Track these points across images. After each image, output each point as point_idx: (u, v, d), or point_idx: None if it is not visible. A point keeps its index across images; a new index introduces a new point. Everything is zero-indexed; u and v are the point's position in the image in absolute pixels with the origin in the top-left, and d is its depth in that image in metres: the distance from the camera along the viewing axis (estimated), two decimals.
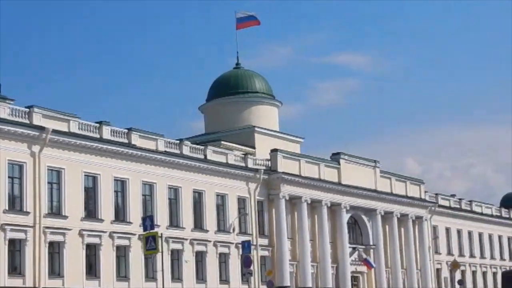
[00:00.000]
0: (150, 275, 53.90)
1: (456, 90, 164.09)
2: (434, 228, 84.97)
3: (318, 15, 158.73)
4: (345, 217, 70.78)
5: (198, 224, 58.29)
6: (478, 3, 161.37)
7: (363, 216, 73.65)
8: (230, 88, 75.93)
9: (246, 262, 41.66)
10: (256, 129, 71.51)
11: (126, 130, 54.06)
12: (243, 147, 68.17)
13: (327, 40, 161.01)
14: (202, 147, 59.89)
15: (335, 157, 71.06)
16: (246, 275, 42.63)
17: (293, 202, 65.99)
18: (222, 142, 67.59)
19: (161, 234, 48.11)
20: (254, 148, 69.77)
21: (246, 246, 42.78)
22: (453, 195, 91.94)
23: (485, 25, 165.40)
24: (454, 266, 69.06)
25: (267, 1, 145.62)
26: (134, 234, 52.56)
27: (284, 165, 65.11)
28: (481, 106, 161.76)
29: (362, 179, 72.72)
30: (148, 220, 38.16)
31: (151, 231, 37.68)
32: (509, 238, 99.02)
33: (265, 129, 72.20)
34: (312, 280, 66.03)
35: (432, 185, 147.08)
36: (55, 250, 48.44)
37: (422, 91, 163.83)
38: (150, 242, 37.16)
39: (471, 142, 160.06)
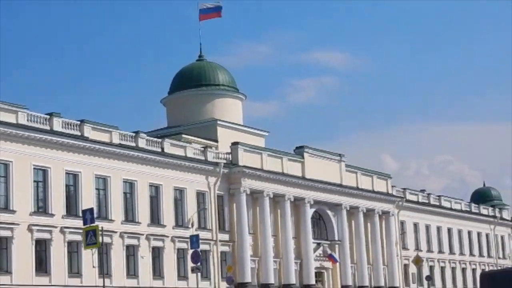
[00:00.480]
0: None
1: (432, 87, 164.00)
2: (402, 224, 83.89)
3: (295, 12, 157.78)
4: (309, 212, 69.42)
5: (155, 219, 56.74)
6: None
7: (328, 211, 72.34)
8: (192, 80, 74.41)
9: (194, 257, 40.00)
10: (219, 122, 70.11)
11: (78, 122, 52.44)
12: (205, 141, 66.68)
13: (304, 37, 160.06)
14: (159, 140, 58.37)
15: (299, 151, 69.71)
16: (194, 270, 41.00)
17: (255, 196, 64.58)
18: (183, 135, 66.06)
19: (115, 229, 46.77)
20: (216, 141, 68.38)
21: (194, 241, 41.11)
22: (422, 190, 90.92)
23: (461, 22, 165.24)
24: (417, 261, 67.79)
25: None
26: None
27: (245, 159, 63.69)
28: (457, 103, 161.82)
29: (327, 173, 71.40)
30: (88, 214, 36.52)
31: (91, 224, 36.03)
32: (478, 234, 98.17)
33: (228, 122, 70.77)
34: (274, 276, 64.67)
35: (409, 182, 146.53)
36: (2, 246, 46.73)
37: (399, 88, 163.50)
38: (90, 237, 35.52)
39: (448, 140, 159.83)
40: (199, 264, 41.21)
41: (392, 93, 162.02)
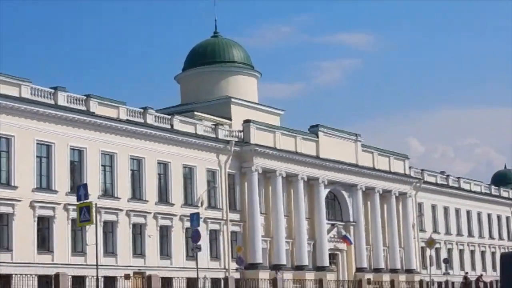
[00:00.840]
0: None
1: (457, 72, 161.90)
2: (420, 205, 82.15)
3: None
4: (323, 192, 67.82)
5: (163, 198, 55.42)
6: None
7: (343, 192, 70.74)
8: (206, 57, 72.80)
9: (194, 236, 38.51)
10: (233, 100, 68.45)
11: (84, 97, 51.06)
12: (218, 119, 65.15)
13: (326, 19, 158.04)
14: (169, 116, 56.92)
15: (313, 130, 68.04)
16: (194, 250, 39.60)
17: (267, 176, 63.09)
18: (195, 113, 64.51)
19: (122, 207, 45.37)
20: (230, 119, 66.75)
21: (194, 219, 39.60)
22: (442, 172, 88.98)
23: (485, 7, 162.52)
24: (430, 243, 66.09)
25: None
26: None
27: (257, 137, 62.15)
28: (484, 87, 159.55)
29: (342, 153, 69.73)
30: (81, 189, 35.06)
31: (85, 201, 34.63)
32: (498, 216, 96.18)
33: (242, 100, 69.11)
34: (287, 257, 63.24)
35: (435, 165, 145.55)
36: (3, 223, 45.58)
37: (423, 73, 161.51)
38: (84, 213, 34.12)
39: (474, 123, 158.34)
40: (199, 243, 39.76)
41: (416, 77, 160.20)
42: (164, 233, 54.91)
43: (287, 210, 64.51)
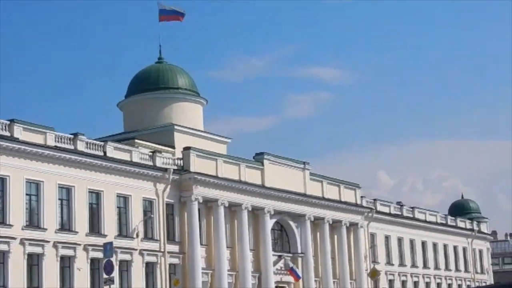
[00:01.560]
0: (34, 283, 48.18)
1: (427, 104, 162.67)
2: (372, 236, 79.75)
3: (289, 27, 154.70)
4: (269, 222, 65.32)
5: (95, 228, 52.54)
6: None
7: (291, 222, 68.23)
8: (149, 83, 70.34)
9: (107, 267, 35.80)
10: (176, 127, 66.04)
11: (7, 122, 48.29)
12: (161, 147, 62.68)
13: (297, 52, 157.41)
14: (102, 143, 54.18)
15: (259, 158, 65.65)
16: (107, 282, 36.82)
17: (209, 205, 60.51)
18: (136, 140, 61.98)
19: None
20: (173, 147, 64.27)
21: (108, 249, 36.86)
22: (398, 203, 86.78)
23: (457, 36, 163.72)
24: (373, 274, 63.70)
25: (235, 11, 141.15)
26: (15, 238, 46.88)
27: (198, 165, 59.60)
28: (452, 120, 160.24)
29: (289, 182, 67.32)
30: None
31: None
32: (455, 247, 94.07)
33: (186, 127, 66.66)
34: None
35: (405, 198, 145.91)
36: None
37: (393, 104, 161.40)
38: None
39: (443, 156, 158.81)
40: (112, 275, 36.95)
41: (386, 109, 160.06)
42: (96, 265, 51.98)
43: (230, 241, 61.90)
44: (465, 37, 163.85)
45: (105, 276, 37.54)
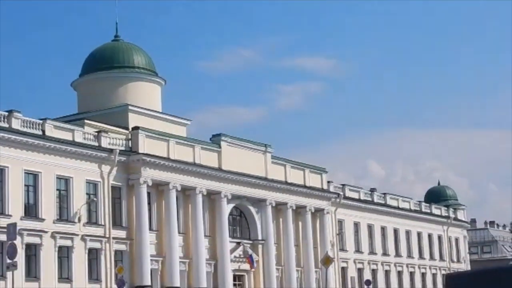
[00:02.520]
0: None
1: (420, 94, 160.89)
2: (340, 223, 76.61)
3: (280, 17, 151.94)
4: (227, 207, 62.15)
5: (32, 212, 49.18)
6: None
7: (251, 207, 65.06)
8: (104, 62, 66.88)
9: (10, 251, 32.48)
10: (130, 107, 62.58)
11: None
12: (114, 128, 59.17)
13: (289, 42, 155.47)
14: (40, 121, 50.75)
15: (216, 139, 62.38)
16: (10, 268, 33.47)
17: (160, 189, 57.24)
18: (86, 121, 58.48)
19: None
20: (127, 129, 60.81)
21: (11, 231, 33.42)
22: (373, 189, 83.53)
23: (446, 26, 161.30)
24: (326, 261, 60.46)
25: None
26: None
27: (148, 146, 56.32)
28: (445, 110, 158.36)
29: (249, 165, 64.12)
30: None
31: None
32: (430, 235, 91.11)
33: (141, 108, 63.23)
34: (182, 278, 57.27)
35: (395, 189, 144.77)
36: None
37: (384, 95, 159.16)
38: None
39: (435, 146, 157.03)
40: (15, 260, 33.64)
41: (377, 99, 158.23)
42: (32, 251, 48.65)
43: (183, 227, 58.71)
44: (458, 27, 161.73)
45: (8, 260, 34.20)
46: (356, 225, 79.01)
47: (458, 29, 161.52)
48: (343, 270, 75.64)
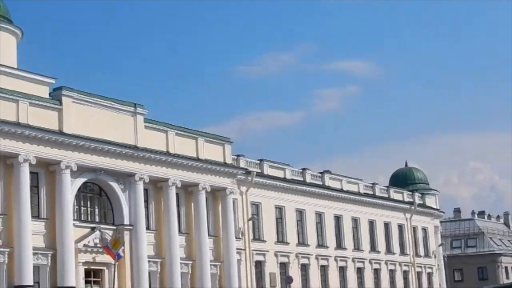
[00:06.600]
0: None
1: (461, 96, 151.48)
2: (257, 206, 62.28)
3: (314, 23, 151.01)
4: (74, 182, 48.26)
5: None
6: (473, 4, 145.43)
7: (113, 183, 51.00)
8: None
9: None
10: None
11: None
12: None
13: (325, 47, 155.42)
14: None
15: (56, 94, 48.50)
16: None
17: None
18: None
19: None
20: None
21: None
22: (305, 169, 68.75)
23: (484, 27, 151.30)
24: (114, 243, 46.10)
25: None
26: None
27: None
28: (485, 111, 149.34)
29: (110, 129, 50.16)
30: None
31: None
32: (386, 224, 76.53)
33: None
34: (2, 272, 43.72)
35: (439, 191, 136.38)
36: None
37: (425, 97, 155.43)
38: None
39: (478, 148, 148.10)
40: None
41: (416, 102, 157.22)
42: None
43: (5, 207, 44.87)
44: (492, 28, 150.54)
45: None
46: (280, 210, 64.53)
47: (495, 26, 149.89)
48: (258, 264, 61.30)
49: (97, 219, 50.53)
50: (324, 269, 67.65)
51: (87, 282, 48.91)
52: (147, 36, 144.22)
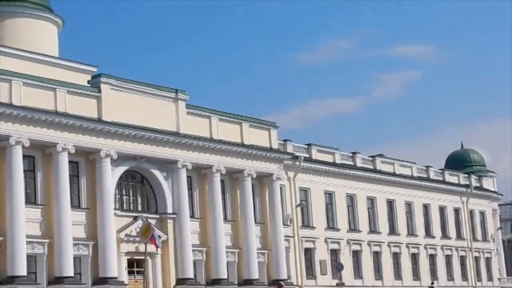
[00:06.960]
0: None
1: None
2: (305, 192, 60.77)
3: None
4: (116, 171, 47.40)
5: None
6: None
7: (155, 171, 49.96)
8: None
9: None
10: (2, 49, 48.15)
11: None
12: None
13: (384, 32, 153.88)
14: None
15: (94, 82, 47.57)
16: None
17: (2, 145, 42.80)
18: None
19: None
20: None
21: None
22: (355, 153, 66.84)
23: None
24: (145, 232, 44.71)
25: None
26: None
27: None
28: None
29: (150, 116, 49.11)
30: None
31: None
32: (441, 208, 74.23)
33: (17, 49, 48.81)
34: (39, 264, 43.13)
35: (503, 176, 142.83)
36: None
37: (487, 80, 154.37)
38: None
39: None
40: None
41: (479, 85, 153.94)
42: None
43: (45, 197, 44.16)
44: None
45: None
46: (330, 195, 62.88)
47: None
48: (308, 251, 59.81)
49: (139, 208, 49.61)
50: (376, 256, 65.84)
51: (130, 272, 47.98)
52: (196, 21, 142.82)
